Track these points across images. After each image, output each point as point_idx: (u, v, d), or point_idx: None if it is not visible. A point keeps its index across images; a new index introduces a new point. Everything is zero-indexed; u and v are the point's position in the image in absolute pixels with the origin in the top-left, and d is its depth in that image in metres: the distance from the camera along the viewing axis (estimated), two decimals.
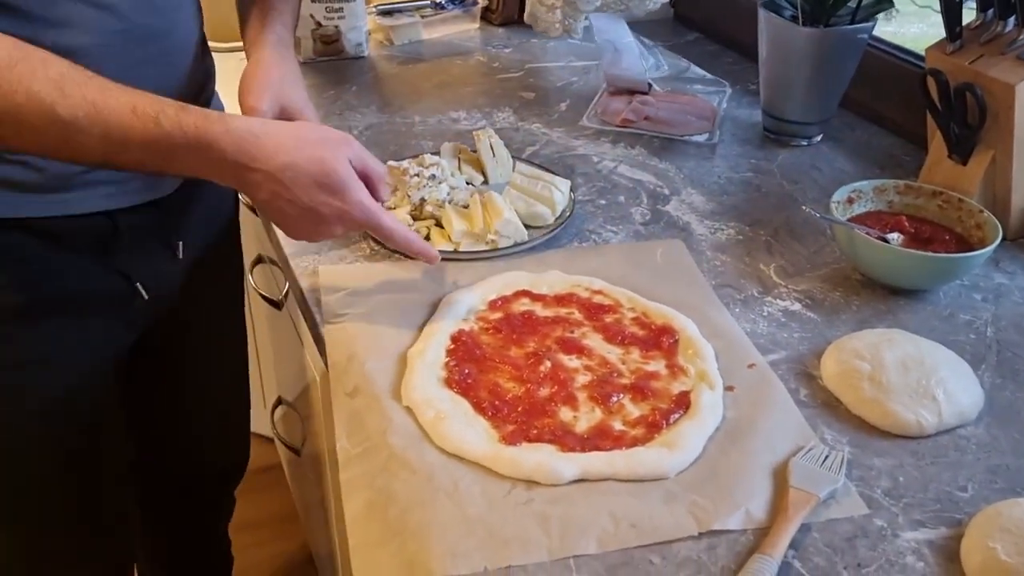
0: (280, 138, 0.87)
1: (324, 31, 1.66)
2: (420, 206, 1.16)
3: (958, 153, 1.19)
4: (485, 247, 1.12)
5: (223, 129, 0.85)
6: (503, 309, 1.01)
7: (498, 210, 1.13)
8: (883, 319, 1.04)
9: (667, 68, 1.68)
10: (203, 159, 0.85)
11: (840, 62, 1.36)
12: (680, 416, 0.88)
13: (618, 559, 0.75)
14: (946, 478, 0.83)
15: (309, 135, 0.90)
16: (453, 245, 1.11)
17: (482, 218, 1.13)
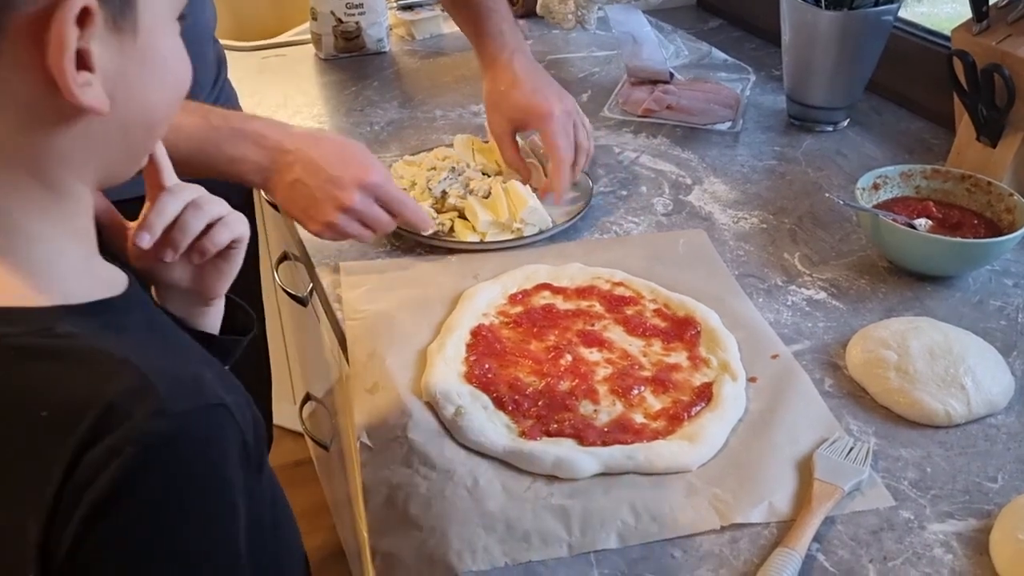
0: (307, 130, 1.06)
1: (345, 27, 1.66)
2: (442, 199, 1.16)
3: (987, 136, 1.17)
4: (511, 236, 1.11)
5: (262, 123, 1.01)
6: (523, 303, 1.00)
7: (522, 199, 1.13)
8: (910, 307, 1.02)
9: (688, 54, 1.66)
10: (248, 143, 0.98)
11: (865, 45, 1.33)
12: (702, 408, 0.87)
13: (639, 553, 0.74)
14: (975, 469, 0.82)
15: (331, 134, 1.06)
16: (479, 236, 1.11)
17: (507, 207, 1.13)
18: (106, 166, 0.58)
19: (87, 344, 0.53)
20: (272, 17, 1.97)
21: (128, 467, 0.49)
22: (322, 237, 1.03)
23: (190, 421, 0.52)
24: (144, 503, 0.51)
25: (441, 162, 1.21)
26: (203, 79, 1.22)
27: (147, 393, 0.51)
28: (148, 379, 0.51)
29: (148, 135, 0.61)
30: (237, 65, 1.38)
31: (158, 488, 0.51)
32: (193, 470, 0.53)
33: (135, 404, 0.50)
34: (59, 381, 0.52)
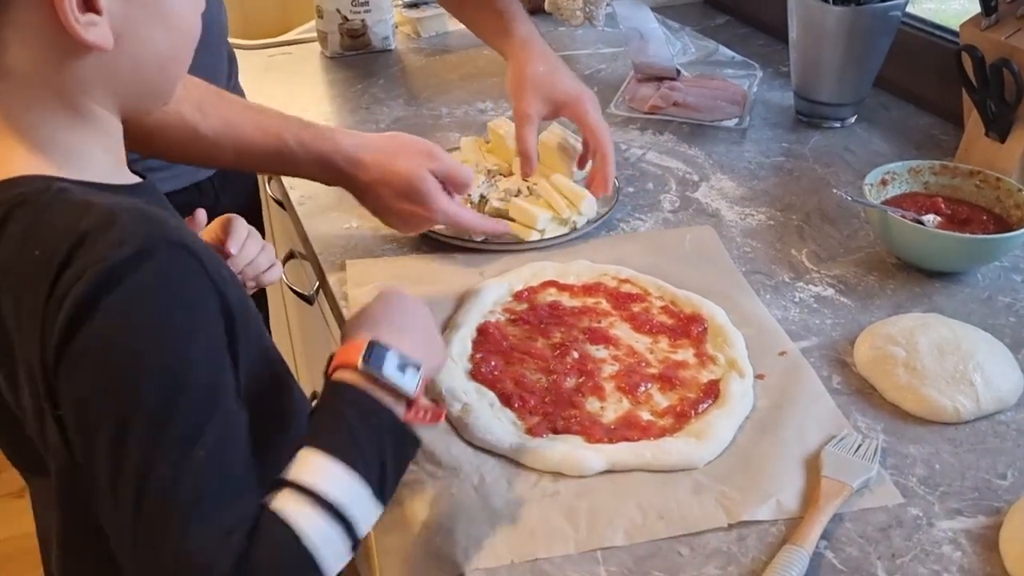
0: (376, 154, 1.01)
1: (351, 25, 1.65)
2: (481, 203, 1.15)
3: (996, 131, 1.16)
4: (566, 230, 1.12)
5: (333, 148, 1.01)
6: (529, 300, 1.00)
7: (577, 191, 1.14)
8: (919, 303, 1.01)
9: (695, 51, 1.66)
10: (322, 170, 1.02)
11: (873, 41, 1.33)
12: (709, 405, 0.86)
13: (646, 551, 0.74)
14: (984, 465, 0.81)
15: (399, 148, 1.02)
16: (539, 234, 1.11)
17: (563, 202, 1.13)
18: (125, 97, 0.67)
19: (77, 196, 0.62)
20: (278, 15, 1.97)
21: (93, 284, 0.57)
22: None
23: (152, 248, 0.59)
24: (110, 317, 0.57)
25: None
26: (220, 78, 1.22)
27: (115, 224, 0.59)
28: (117, 214, 0.60)
29: (161, 74, 0.68)
30: (243, 64, 1.38)
31: (123, 302, 0.57)
32: (155, 289, 0.59)
33: (103, 232, 0.59)
34: (48, 223, 0.60)
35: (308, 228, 1.17)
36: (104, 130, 0.67)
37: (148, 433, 0.57)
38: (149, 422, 0.57)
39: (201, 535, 0.56)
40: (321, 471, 0.62)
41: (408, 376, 0.67)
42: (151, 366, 0.58)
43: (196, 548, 0.56)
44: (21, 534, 1.91)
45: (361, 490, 0.63)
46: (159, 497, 0.57)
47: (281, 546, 0.59)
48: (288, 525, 0.59)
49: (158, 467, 0.57)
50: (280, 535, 0.59)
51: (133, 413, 0.57)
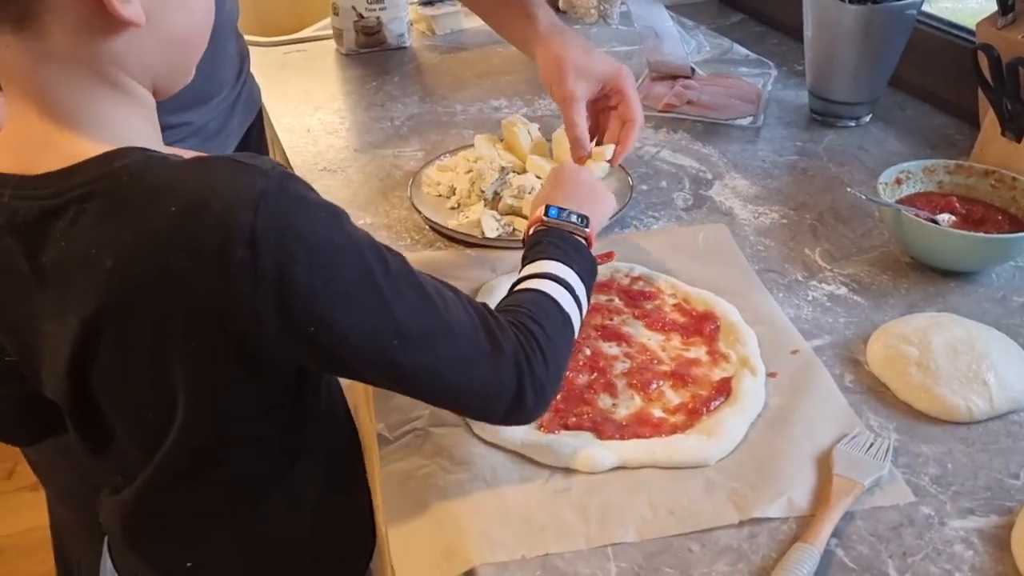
0: None
1: (366, 23, 1.66)
2: (494, 200, 1.16)
3: (1012, 130, 1.15)
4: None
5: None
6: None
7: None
8: (933, 303, 1.01)
9: (709, 49, 1.66)
10: None
11: (888, 39, 1.32)
12: (721, 403, 0.86)
13: (657, 547, 0.74)
14: (997, 465, 0.81)
15: None
16: None
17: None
18: (154, 74, 0.70)
19: (172, 158, 0.66)
20: (293, 12, 1.98)
21: (272, 213, 0.62)
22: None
23: (278, 172, 0.64)
24: (298, 231, 0.63)
25: (474, 164, 1.21)
26: (225, 74, 1.23)
27: (241, 169, 0.64)
28: (235, 162, 0.64)
29: (185, 53, 0.72)
30: (259, 60, 1.39)
31: (298, 216, 0.64)
32: (307, 195, 0.66)
33: (240, 178, 0.63)
34: (171, 181, 0.63)
35: None
36: (146, 104, 0.70)
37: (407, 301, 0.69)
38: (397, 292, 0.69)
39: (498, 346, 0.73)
40: (548, 265, 0.84)
41: (575, 219, 0.90)
42: (362, 243, 0.68)
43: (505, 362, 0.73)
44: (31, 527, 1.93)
45: (580, 280, 0.84)
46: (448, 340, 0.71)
47: (543, 307, 0.79)
48: (541, 291, 0.81)
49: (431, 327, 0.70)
50: (536, 300, 0.80)
51: (383, 285, 0.67)
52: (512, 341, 0.74)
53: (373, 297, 0.67)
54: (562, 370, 0.78)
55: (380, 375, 0.71)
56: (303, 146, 1.39)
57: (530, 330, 0.76)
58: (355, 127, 1.44)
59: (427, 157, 1.31)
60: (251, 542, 0.81)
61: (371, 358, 0.68)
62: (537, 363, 0.74)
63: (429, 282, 0.73)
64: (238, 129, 1.25)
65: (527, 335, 0.75)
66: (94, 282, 0.63)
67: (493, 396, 0.73)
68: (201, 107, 1.14)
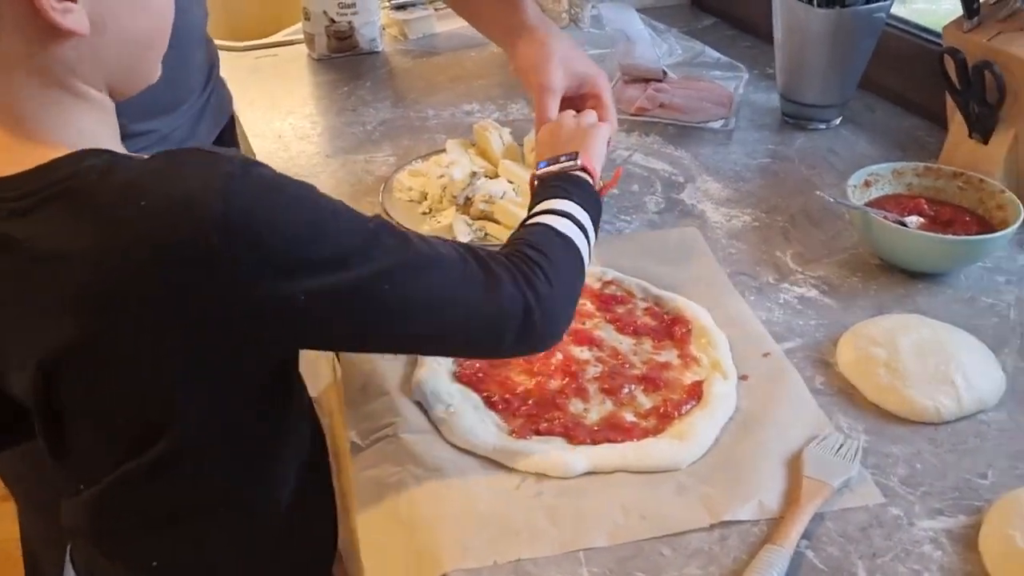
0: None
1: (338, 27, 1.66)
2: (466, 205, 1.15)
3: (978, 132, 1.17)
4: None
5: None
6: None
7: None
8: (902, 304, 1.02)
9: (681, 52, 1.66)
10: None
11: (857, 42, 1.33)
12: (692, 407, 0.87)
13: (628, 551, 0.74)
14: (966, 465, 0.82)
15: None
16: None
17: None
18: (111, 77, 0.70)
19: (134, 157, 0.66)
20: (265, 17, 1.97)
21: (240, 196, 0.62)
22: None
23: (242, 157, 0.65)
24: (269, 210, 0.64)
25: (445, 169, 1.20)
26: (192, 81, 1.21)
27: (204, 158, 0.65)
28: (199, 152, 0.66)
29: (142, 56, 0.72)
30: (229, 65, 1.38)
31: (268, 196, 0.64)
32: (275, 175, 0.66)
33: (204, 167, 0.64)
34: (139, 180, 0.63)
35: None
36: (104, 108, 0.70)
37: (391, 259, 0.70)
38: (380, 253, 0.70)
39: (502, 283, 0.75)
40: (543, 205, 0.86)
41: (563, 159, 0.92)
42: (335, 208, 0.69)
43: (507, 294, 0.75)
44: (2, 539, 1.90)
45: (580, 209, 0.86)
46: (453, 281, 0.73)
47: (545, 237, 0.81)
48: (542, 224, 0.83)
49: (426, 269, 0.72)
50: (539, 231, 0.82)
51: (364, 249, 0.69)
52: (506, 265, 0.76)
53: (354, 255, 0.68)
54: (572, 289, 0.81)
55: (378, 330, 0.72)
56: (274, 152, 1.38)
57: (526, 255, 0.78)
58: (327, 132, 1.43)
59: (399, 162, 1.30)
60: (218, 542, 0.80)
61: (366, 311, 0.69)
62: (539, 281, 0.76)
63: (411, 231, 0.75)
64: (206, 137, 1.23)
65: (523, 259, 0.77)
66: (65, 282, 0.63)
67: (497, 321, 0.74)
68: (167, 115, 1.12)
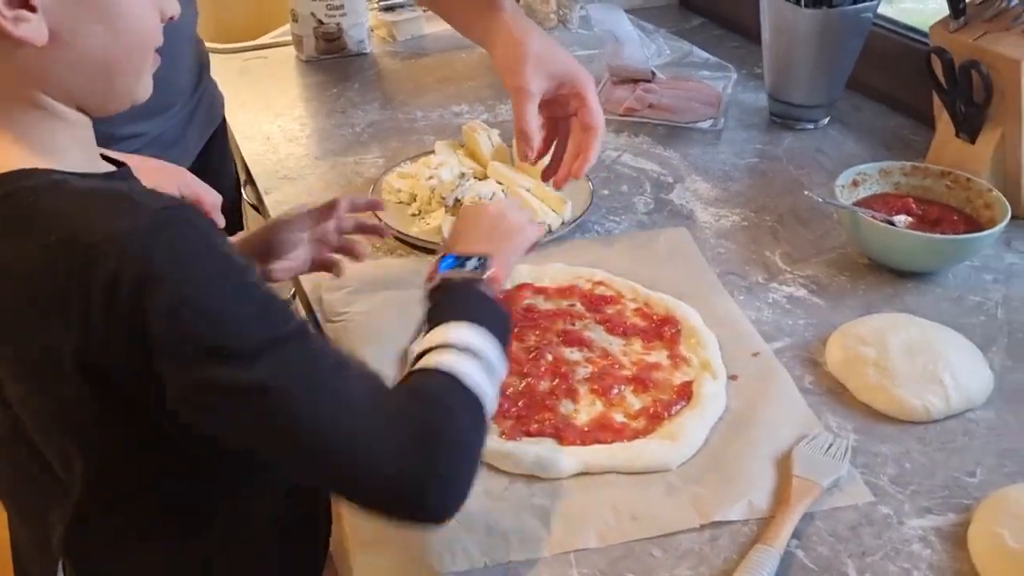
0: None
1: (326, 29, 1.65)
2: (456, 207, 1.15)
3: (965, 132, 1.17)
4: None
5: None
6: (504, 303, 1.00)
7: (558, 198, 1.15)
8: (890, 303, 1.02)
9: (670, 53, 1.66)
10: None
11: (845, 43, 1.34)
12: (682, 407, 0.87)
13: (619, 552, 0.74)
14: (954, 464, 0.82)
15: (145, 166, 0.96)
16: None
17: (539, 206, 1.14)
18: (74, 94, 0.67)
19: (78, 183, 0.64)
20: (253, 19, 1.96)
21: (135, 258, 0.59)
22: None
23: (165, 214, 0.62)
24: (161, 281, 0.59)
25: (434, 170, 1.20)
26: (182, 84, 1.21)
27: (126, 199, 0.62)
28: (121, 196, 0.63)
29: (109, 75, 0.67)
30: (218, 67, 1.37)
31: (166, 265, 0.60)
32: (189, 235, 0.62)
33: (117, 215, 0.61)
34: (63, 211, 0.61)
35: None
36: (70, 122, 0.68)
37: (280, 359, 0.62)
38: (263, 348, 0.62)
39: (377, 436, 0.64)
40: (451, 331, 0.72)
41: (472, 264, 0.80)
42: (253, 303, 0.63)
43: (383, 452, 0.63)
44: None
45: (490, 338, 0.72)
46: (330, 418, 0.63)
47: (445, 389, 0.68)
48: (442, 371, 0.68)
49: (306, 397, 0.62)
50: (438, 382, 0.68)
51: (244, 343, 0.61)
52: (409, 432, 0.65)
53: (245, 356, 0.61)
54: (473, 462, 0.68)
55: (246, 440, 0.65)
56: (263, 154, 1.38)
57: (434, 423, 0.66)
58: (316, 134, 1.43)
59: (388, 164, 1.30)
60: (208, 546, 0.79)
61: (237, 418, 0.63)
62: (437, 461, 0.65)
63: (331, 351, 0.67)
64: (197, 140, 1.23)
65: (427, 428, 0.65)
66: None
67: (382, 490, 0.64)
68: (156, 118, 1.12)
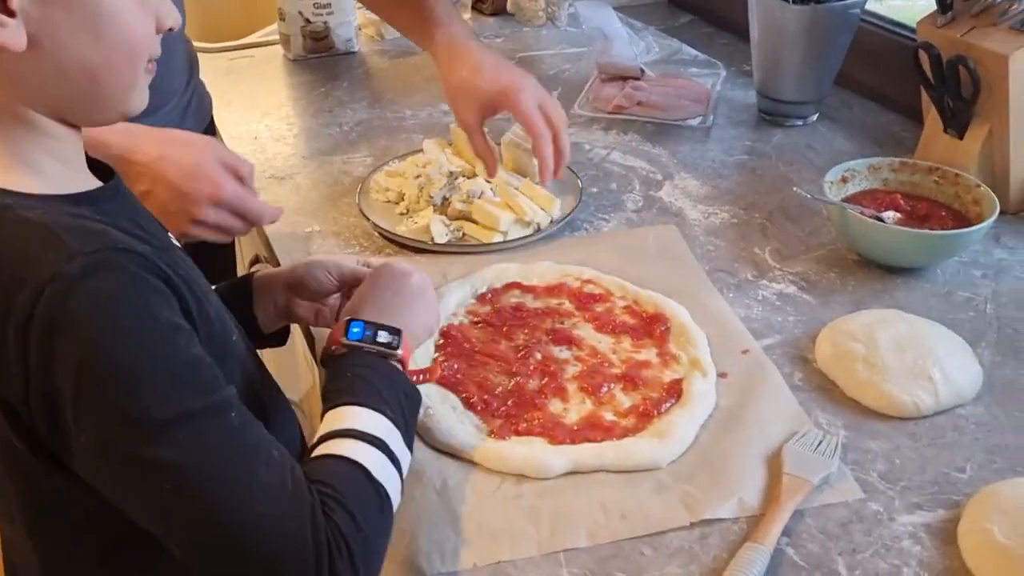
0: (155, 136, 0.96)
1: (313, 28, 1.64)
2: (443, 206, 1.15)
3: (953, 127, 1.17)
4: (529, 231, 1.12)
5: (111, 131, 0.90)
6: (493, 302, 1.00)
7: (547, 196, 1.15)
8: (880, 299, 1.02)
9: (658, 50, 1.66)
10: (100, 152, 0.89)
11: (833, 39, 1.34)
12: (672, 405, 0.86)
13: (609, 551, 0.74)
14: (944, 459, 0.82)
15: (180, 138, 0.98)
16: (501, 236, 1.10)
17: (527, 204, 1.14)
18: (54, 103, 0.64)
19: (15, 216, 0.60)
20: (240, 18, 1.95)
21: (52, 302, 0.57)
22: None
23: (97, 259, 0.59)
24: (74, 331, 0.57)
25: (423, 169, 1.20)
26: (175, 82, 1.21)
27: (57, 243, 0.58)
28: (56, 233, 0.59)
29: (92, 84, 0.65)
30: (205, 67, 1.36)
31: (82, 315, 0.57)
32: (115, 286, 0.59)
33: (48, 253, 0.58)
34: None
35: (270, 232, 1.16)
36: (49, 134, 0.65)
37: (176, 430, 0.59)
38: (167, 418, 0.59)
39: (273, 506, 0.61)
40: (357, 416, 0.69)
41: (384, 336, 0.76)
42: (171, 371, 0.60)
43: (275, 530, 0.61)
44: None
45: (392, 428, 0.70)
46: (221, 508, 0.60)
47: (354, 483, 0.65)
48: (356, 463, 0.66)
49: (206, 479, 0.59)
50: (345, 473, 0.65)
51: (144, 413, 0.58)
52: (316, 537, 0.61)
53: (154, 428, 0.58)
54: (376, 562, 0.66)
55: (145, 518, 0.62)
56: (250, 154, 1.37)
57: (338, 526, 0.63)
58: (303, 134, 1.42)
59: (376, 163, 1.30)
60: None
61: (137, 493, 0.60)
62: (341, 563, 0.62)
63: (251, 431, 0.63)
64: None
65: (333, 527, 0.62)
66: None
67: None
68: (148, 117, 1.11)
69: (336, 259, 0.91)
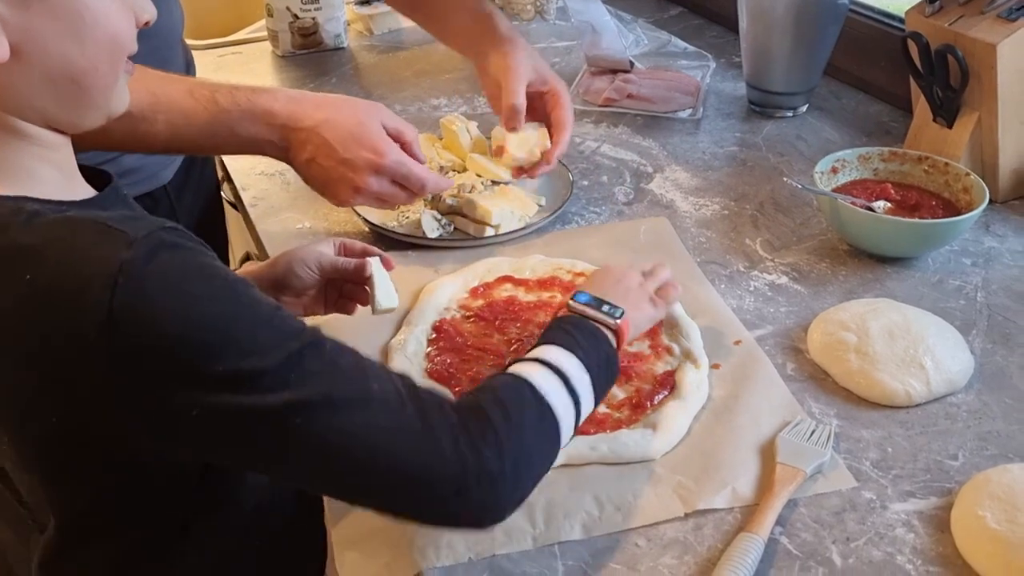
0: (318, 101, 0.99)
1: (302, 24, 1.64)
2: (435, 201, 1.15)
3: (943, 116, 1.17)
4: (521, 225, 1.12)
5: (271, 98, 0.97)
6: (485, 296, 1.00)
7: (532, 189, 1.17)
8: (871, 289, 1.02)
9: (648, 43, 1.66)
10: (259, 124, 0.97)
11: (822, 29, 1.34)
12: (665, 396, 0.86)
13: (603, 544, 0.74)
14: (936, 447, 0.82)
15: (344, 101, 1.01)
16: (493, 229, 1.10)
17: (522, 199, 1.14)
18: (41, 110, 0.63)
19: (52, 215, 0.60)
20: (228, 14, 1.94)
21: (129, 292, 0.55)
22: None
23: (153, 240, 0.58)
24: (160, 315, 0.56)
25: None
26: None
27: (110, 234, 0.58)
28: (108, 224, 0.58)
29: (78, 87, 0.64)
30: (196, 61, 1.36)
31: (161, 297, 0.56)
32: (181, 259, 0.59)
33: (103, 245, 0.57)
34: (35, 247, 0.58)
35: (261, 229, 1.16)
36: (41, 144, 0.65)
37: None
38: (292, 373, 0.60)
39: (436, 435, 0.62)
40: (546, 351, 0.72)
41: (606, 308, 0.79)
42: (253, 319, 0.60)
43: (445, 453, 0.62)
44: None
45: (587, 376, 0.72)
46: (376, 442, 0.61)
47: (511, 389, 0.67)
48: (517, 376, 0.69)
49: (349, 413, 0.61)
50: (506, 383, 0.68)
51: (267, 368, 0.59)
52: (453, 421, 0.63)
53: (265, 376, 0.58)
54: (531, 466, 0.66)
55: (281, 466, 0.63)
56: None
57: (484, 411, 0.64)
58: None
59: None
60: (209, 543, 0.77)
61: (268, 442, 0.60)
62: (487, 450, 0.63)
63: (348, 352, 0.64)
64: None
65: (477, 415, 0.64)
66: None
67: (422, 486, 0.62)
68: None
69: (314, 248, 0.91)
